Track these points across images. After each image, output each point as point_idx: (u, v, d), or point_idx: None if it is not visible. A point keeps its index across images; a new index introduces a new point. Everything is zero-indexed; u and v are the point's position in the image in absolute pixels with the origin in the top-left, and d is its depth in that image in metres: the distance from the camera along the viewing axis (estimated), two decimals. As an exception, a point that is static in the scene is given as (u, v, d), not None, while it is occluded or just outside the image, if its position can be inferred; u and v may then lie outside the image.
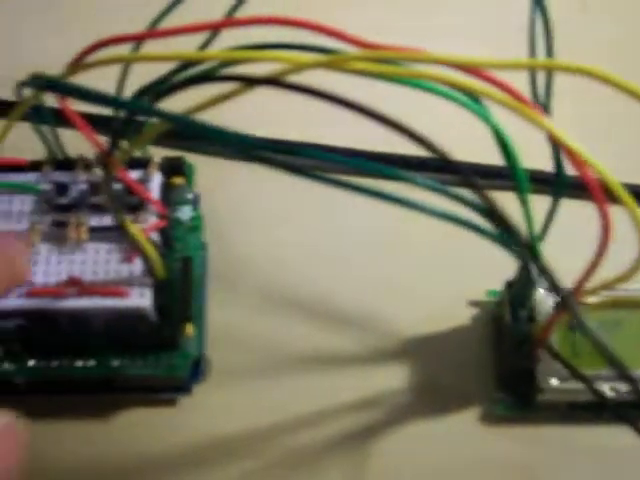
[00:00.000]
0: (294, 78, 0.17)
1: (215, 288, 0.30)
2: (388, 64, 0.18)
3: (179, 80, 0.18)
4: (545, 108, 0.23)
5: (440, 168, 0.26)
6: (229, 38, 0.22)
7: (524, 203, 0.23)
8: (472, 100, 0.19)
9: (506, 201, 0.19)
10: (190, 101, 0.19)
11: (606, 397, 0.26)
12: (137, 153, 0.28)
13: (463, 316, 0.30)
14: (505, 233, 0.19)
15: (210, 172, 0.32)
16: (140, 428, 0.28)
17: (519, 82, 0.19)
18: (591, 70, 0.18)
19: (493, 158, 0.21)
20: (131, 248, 0.26)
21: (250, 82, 0.17)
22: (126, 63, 0.24)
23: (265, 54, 0.18)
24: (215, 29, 0.22)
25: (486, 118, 0.20)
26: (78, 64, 0.21)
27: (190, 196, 0.30)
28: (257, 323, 0.30)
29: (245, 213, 0.33)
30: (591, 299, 0.27)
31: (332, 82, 0.18)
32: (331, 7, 0.33)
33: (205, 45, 0.24)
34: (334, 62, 0.18)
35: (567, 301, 0.17)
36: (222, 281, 0.31)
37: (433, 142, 0.17)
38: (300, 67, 0.17)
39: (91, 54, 0.20)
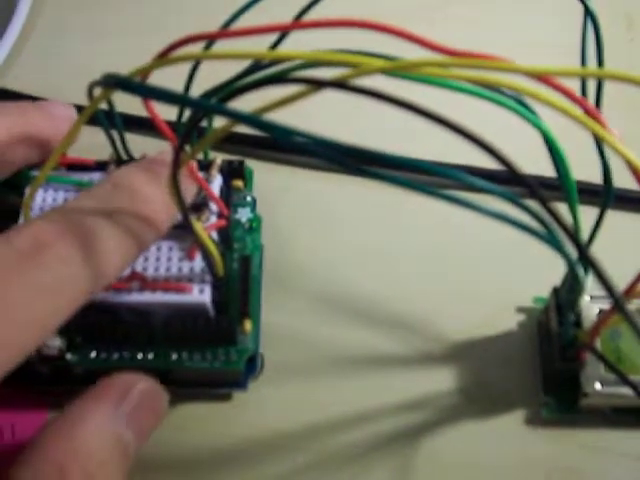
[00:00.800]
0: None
1: (268, 289, 0.31)
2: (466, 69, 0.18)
3: (247, 82, 0.18)
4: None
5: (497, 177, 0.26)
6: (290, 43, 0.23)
7: (573, 213, 0.23)
8: (528, 110, 0.20)
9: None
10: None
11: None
12: (199, 156, 0.29)
13: (510, 322, 0.31)
14: (557, 236, 0.20)
15: (267, 176, 0.33)
16: (195, 422, 0.29)
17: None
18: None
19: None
20: (192, 246, 0.27)
21: (319, 85, 0.17)
22: (195, 63, 0.25)
23: (351, 57, 0.18)
24: (286, 30, 0.22)
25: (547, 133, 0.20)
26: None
27: (249, 199, 0.31)
28: (308, 324, 0.31)
29: (299, 216, 0.33)
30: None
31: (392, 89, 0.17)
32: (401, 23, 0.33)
33: (273, 47, 0.25)
34: (405, 67, 0.18)
35: (620, 303, 0.18)
36: (275, 282, 0.31)
37: (503, 154, 0.17)
38: (377, 71, 0.17)
39: (169, 54, 0.21)
